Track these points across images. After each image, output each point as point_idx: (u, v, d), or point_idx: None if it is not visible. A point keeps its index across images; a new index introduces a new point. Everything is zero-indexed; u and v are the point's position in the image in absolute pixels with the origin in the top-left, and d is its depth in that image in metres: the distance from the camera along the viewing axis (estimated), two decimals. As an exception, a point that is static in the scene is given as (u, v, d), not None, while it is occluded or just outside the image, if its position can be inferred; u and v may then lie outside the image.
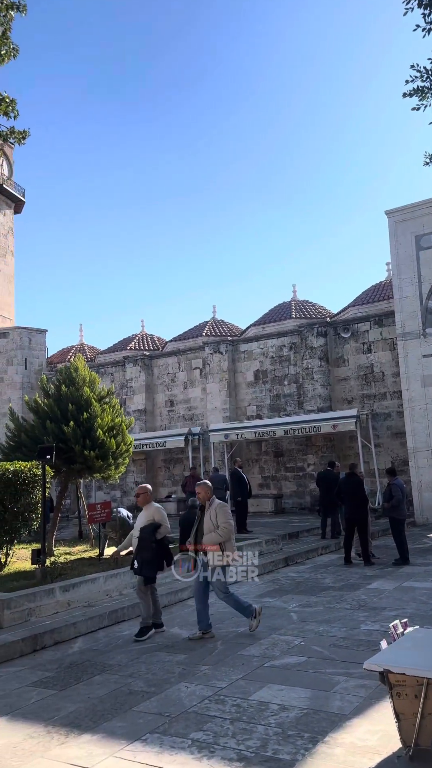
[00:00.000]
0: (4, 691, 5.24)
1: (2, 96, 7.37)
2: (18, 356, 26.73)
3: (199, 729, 4.21)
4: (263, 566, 10.53)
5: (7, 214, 29.10)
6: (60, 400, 12.32)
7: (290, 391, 21.82)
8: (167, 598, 8.25)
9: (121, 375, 25.86)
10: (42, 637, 6.48)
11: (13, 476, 8.77)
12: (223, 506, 6.72)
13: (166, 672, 5.47)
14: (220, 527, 6.52)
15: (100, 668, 5.68)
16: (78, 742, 4.13)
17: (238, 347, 23.25)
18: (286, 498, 21.26)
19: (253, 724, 4.24)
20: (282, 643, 6.15)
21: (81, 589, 7.88)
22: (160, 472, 24.84)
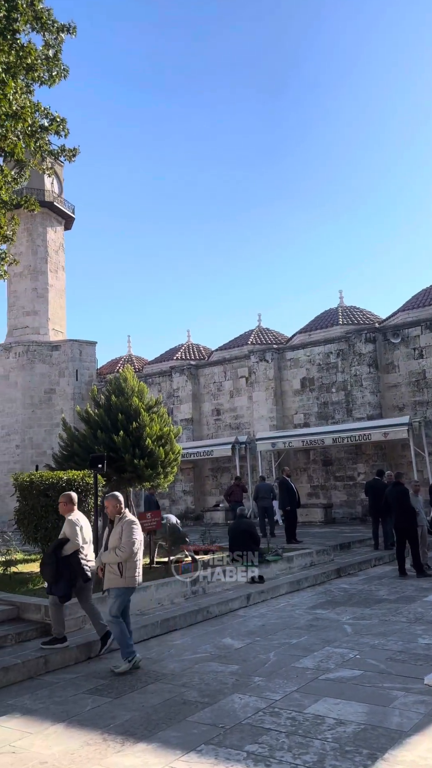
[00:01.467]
0: (60, 697, 5.32)
1: (53, 116, 7.63)
2: (69, 368, 27.40)
3: (254, 741, 4.16)
4: (314, 577, 10.37)
5: (58, 230, 29.97)
6: (110, 410, 12.55)
7: (338, 399, 21.51)
8: (218, 608, 8.22)
9: (168, 385, 26.12)
10: (96, 645, 6.55)
11: (66, 485, 8.95)
12: (131, 524, 6.09)
13: (219, 682, 5.44)
14: (121, 546, 5.97)
15: (154, 677, 5.69)
16: (133, 751, 4.15)
17: (284, 355, 23.12)
18: (336, 508, 20.92)
19: (309, 739, 4.16)
20: (336, 656, 6.02)
21: (133, 597, 7.93)
22: (207, 481, 24.89)
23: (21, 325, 28.31)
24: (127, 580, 6.00)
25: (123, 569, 5.97)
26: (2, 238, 7.71)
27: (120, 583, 5.99)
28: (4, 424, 27.01)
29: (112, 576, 6.02)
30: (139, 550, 6.12)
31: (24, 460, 25.99)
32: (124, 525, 6.08)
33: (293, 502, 14.73)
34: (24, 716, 4.93)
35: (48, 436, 26.38)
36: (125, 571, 5.98)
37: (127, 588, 6.08)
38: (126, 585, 6.02)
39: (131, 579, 6.03)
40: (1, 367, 27.52)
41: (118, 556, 5.98)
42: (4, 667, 5.77)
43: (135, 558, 6.05)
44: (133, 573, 6.04)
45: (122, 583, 5.99)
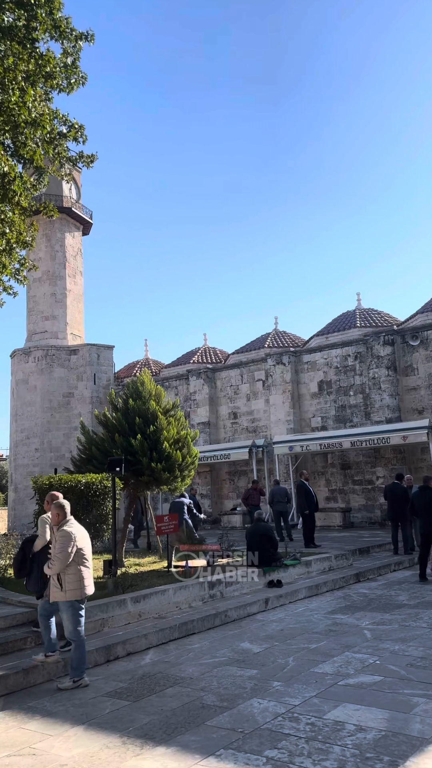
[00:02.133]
0: (80, 700, 5.35)
1: (72, 123, 7.72)
2: (87, 372, 27.58)
3: (273, 747, 4.14)
4: (333, 582, 10.29)
5: (76, 236, 30.24)
6: (127, 413, 12.59)
7: (356, 402, 21.36)
8: (236, 612, 8.20)
9: (184, 388, 26.17)
10: (115, 648, 6.58)
11: (85, 488, 9.02)
12: (62, 535, 5.77)
13: (237, 687, 5.42)
14: (52, 558, 5.78)
15: (172, 681, 5.69)
16: (153, 755, 4.15)
17: (301, 358, 23.03)
18: (354, 512, 20.75)
19: (329, 745, 4.13)
20: (356, 662, 5.97)
21: (151, 600, 7.96)
22: (224, 485, 24.86)
23: (40, 329, 28.58)
24: (68, 593, 5.69)
25: (62, 582, 5.70)
26: (22, 244, 7.81)
27: (60, 597, 5.71)
28: (24, 427, 27.27)
29: (54, 589, 5.77)
30: (81, 562, 5.81)
31: (43, 464, 26.20)
32: (58, 536, 5.79)
33: (312, 505, 14.65)
34: (44, 718, 4.96)
35: (66, 440, 26.56)
36: (65, 584, 5.70)
37: (70, 601, 5.72)
38: (67, 598, 5.70)
39: (72, 592, 5.70)
40: (20, 372, 27.80)
41: (50, 568, 5.77)
42: (24, 670, 5.82)
43: (73, 570, 5.74)
44: (76, 585, 5.72)
45: (62, 596, 5.70)
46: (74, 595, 5.73)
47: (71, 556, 5.74)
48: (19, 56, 6.38)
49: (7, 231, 7.20)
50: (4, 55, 6.20)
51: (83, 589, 5.79)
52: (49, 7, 6.70)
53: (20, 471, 26.86)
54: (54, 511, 5.95)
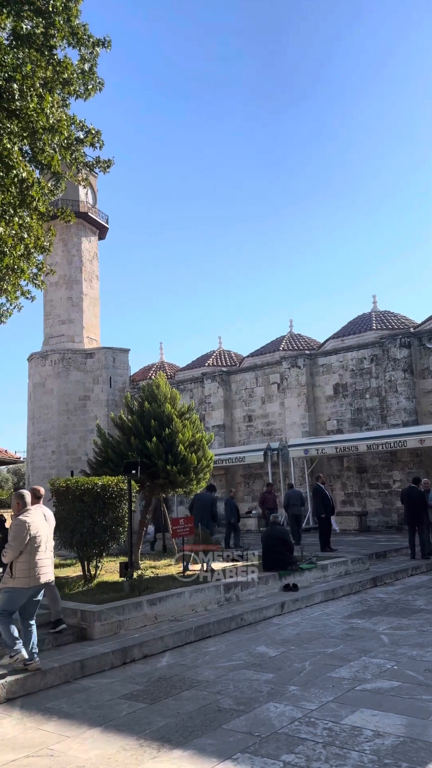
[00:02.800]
0: (97, 702, 5.37)
1: (89, 128, 7.79)
2: (103, 375, 27.74)
3: (290, 751, 4.12)
4: (350, 586, 10.22)
5: (92, 240, 30.46)
6: (143, 416, 12.65)
7: (372, 405, 21.22)
8: (252, 616, 8.18)
9: (199, 391, 26.21)
10: (131, 650, 6.60)
11: (101, 491, 9.05)
12: (16, 524, 5.89)
13: (254, 691, 5.40)
14: (6, 546, 5.88)
15: (189, 684, 5.69)
16: (170, 758, 4.15)
17: (316, 361, 22.95)
18: (371, 516, 20.61)
19: (346, 750, 4.10)
20: (373, 667, 5.92)
21: (167, 603, 7.97)
22: (240, 488, 24.82)
23: (57, 333, 28.82)
24: (16, 580, 5.81)
25: (13, 569, 5.84)
26: (40, 249, 7.89)
27: (9, 583, 5.84)
28: (41, 430, 27.49)
29: (6, 576, 5.93)
30: (34, 551, 5.91)
31: (59, 466, 26.38)
32: (12, 525, 5.95)
33: (328, 509, 14.58)
34: (61, 720, 4.99)
35: (82, 442, 26.72)
36: (15, 572, 5.83)
37: (15, 588, 5.82)
38: (14, 585, 5.81)
39: (21, 579, 5.81)
40: (37, 375, 28.04)
41: (4, 556, 5.89)
42: (42, 671, 5.85)
43: (24, 558, 5.85)
44: (25, 574, 5.83)
45: (11, 583, 5.83)
46: (21, 583, 5.84)
47: (24, 545, 5.85)
48: (37, 63, 6.46)
49: (25, 236, 7.28)
50: (23, 63, 6.29)
51: (34, 577, 5.89)
52: (66, 15, 6.79)
53: (37, 473, 27.08)
54: (14, 501, 6.11)
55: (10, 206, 6.85)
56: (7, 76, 5.98)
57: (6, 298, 8.23)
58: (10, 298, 8.27)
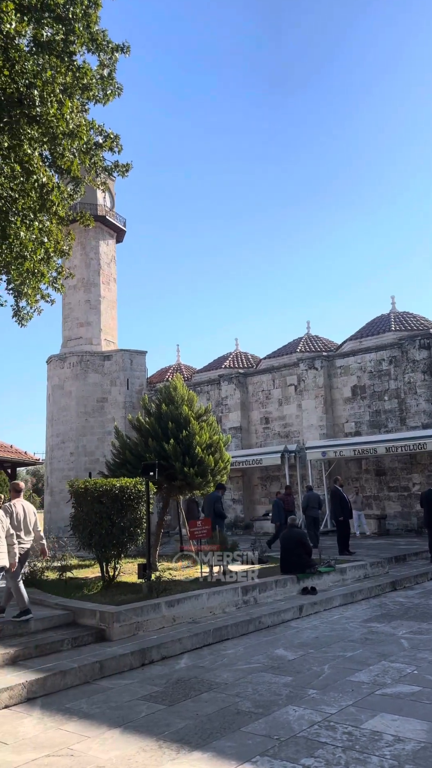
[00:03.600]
0: (116, 703, 5.40)
1: (107, 133, 7.86)
2: (121, 377, 27.93)
3: (310, 755, 4.10)
4: (368, 590, 10.15)
5: (110, 243, 30.70)
6: (160, 418, 12.70)
7: (391, 407, 21.05)
8: (270, 619, 8.16)
9: (216, 393, 26.22)
10: (150, 652, 6.62)
11: (119, 492, 9.10)
12: None
13: (272, 694, 5.39)
14: None
15: (207, 686, 5.70)
16: (189, 759, 4.16)
17: (333, 362, 22.83)
18: (390, 519, 20.43)
19: (366, 755, 4.07)
20: (393, 671, 5.87)
21: (185, 605, 7.99)
22: (256, 490, 24.77)
23: (75, 336, 29.07)
24: None
25: None
26: (59, 253, 7.98)
27: None
28: (59, 432, 27.74)
29: None
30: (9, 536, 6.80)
31: (78, 467, 26.59)
32: None
33: (346, 512, 14.48)
34: (81, 720, 5.03)
35: (100, 444, 26.90)
36: None
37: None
38: None
39: None
40: (56, 377, 28.31)
41: None
42: (62, 671, 5.90)
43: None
44: None
45: None
46: None
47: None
48: (57, 69, 6.54)
49: (45, 240, 7.37)
50: (43, 69, 6.37)
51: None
52: (86, 21, 6.87)
53: (56, 475, 27.32)
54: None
55: (30, 211, 6.94)
56: (27, 82, 6.07)
57: (26, 301, 8.32)
58: (31, 302, 8.37)
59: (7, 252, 7.06)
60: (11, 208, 6.71)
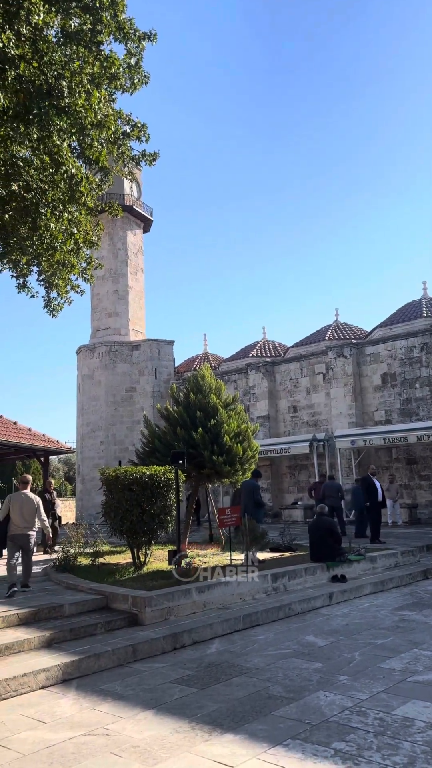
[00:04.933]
0: (149, 685, 5.51)
1: (134, 122, 7.87)
2: (149, 367, 28.12)
3: (341, 739, 4.13)
4: (399, 578, 10.09)
5: (137, 233, 30.79)
6: (189, 407, 12.78)
7: (422, 395, 20.74)
8: (300, 606, 8.19)
9: (243, 382, 26.21)
10: (181, 636, 6.72)
11: (149, 480, 9.21)
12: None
13: (303, 679, 5.43)
14: None
15: (238, 671, 5.77)
16: (221, 741, 4.23)
17: (363, 350, 22.58)
18: (421, 508, 20.21)
19: (398, 740, 4.07)
20: (425, 659, 5.84)
21: (216, 591, 8.07)
22: (285, 479, 24.75)
23: (104, 326, 29.34)
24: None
25: None
26: (89, 243, 8.05)
27: None
28: (90, 421, 28.12)
29: None
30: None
31: (108, 456, 26.95)
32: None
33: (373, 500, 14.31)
34: (115, 701, 5.14)
35: (130, 433, 27.20)
36: None
37: None
38: None
39: None
40: (86, 367, 28.66)
41: None
42: (96, 654, 6.04)
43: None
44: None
45: None
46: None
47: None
48: (84, 59, 6.57)
49: (75, 231, 7.45)
50: (70, 59, 6.40)
51: None
52: (113, 10, 6.86)
53: (87, 463, 27.75)
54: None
55: (59, 202, 7.01)
56: (56, 73, 6.11)
57: (57, 292, 8.44)
58: (61, 293, 8.48)
59: (38, 244, 7.17)
60: (41, 200, 6.79)
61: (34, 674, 5.51)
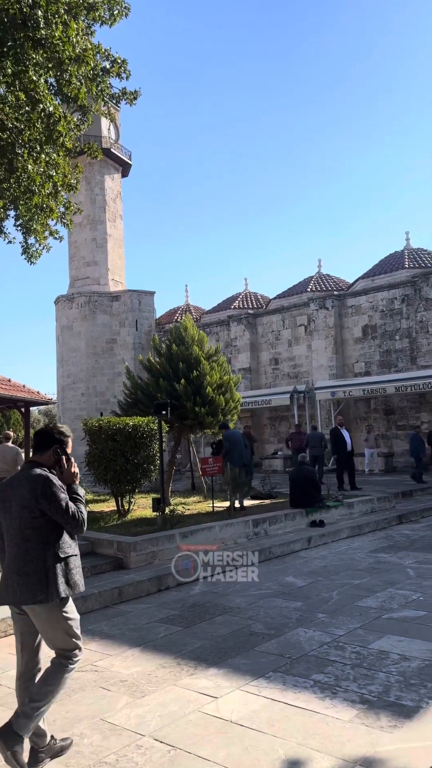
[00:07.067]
0: (135, 625, 5.70)
1: (114, 57, 7.47)
2: (129, 318, 27.81)
3: (320, 671, 4.35)
4: (375, 523, 10.44)
5: (116, 178, 29.80)
6: (171, 358, 12.74)
7: (402, 347, 20.95)
8: (280, 549, 8.46)
9: (225, 334, 26.14)
10: (166, 579, 6.93)
11: (132, 430, 9.28)
12: None
13: (283, 617, 5.66)
14: None
15: (221, 610, 5.99)
16: (206, 675, 4.43)
17: (344, 302, 22.57)
18: (397, 457, 20.72)
19: (373, 671, 4.31)
20: (399, 597, 6.12)
21: (198, 536, 8.28)
22: (265, 429, 25.09)
23: (82, 275, 28.75)
24: None
25: None
26: (67, 187, 7.77)
27: None
28: (70, 372, 27.94)
29: None
30: None
31: (89, 408, 26.94)
32: None
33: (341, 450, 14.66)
34: (103, 640, 5.33)
35: (111, 385, 27.14)
36: None
37: None
38: None
39: None
40: (65, 318, 28.23)
41: None
42: (83, 596, 6.20)
43: None
44: None
45: None
46: None
47: None
48: (60, -13, 6.15)
49: (53, 174, 7.17)
50: (46, -14, 5.99)
51: None
52: None
53: (68, 415, 27.73)
54: None
55: (36, 143, 6.71)
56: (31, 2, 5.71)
57: (35, 238, 8.20)
58: (39, 238, 8.24)
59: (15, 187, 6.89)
60: (17, 140, 6.50)
61: (22, 616, 5.65)
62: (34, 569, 3.18)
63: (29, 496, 3.19)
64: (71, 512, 3.20)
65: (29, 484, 3.21)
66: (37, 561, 3.19)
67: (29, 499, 3.19)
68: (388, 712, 3.66)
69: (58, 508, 3.18)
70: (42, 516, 3.20)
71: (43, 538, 3.21)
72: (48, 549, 3.21)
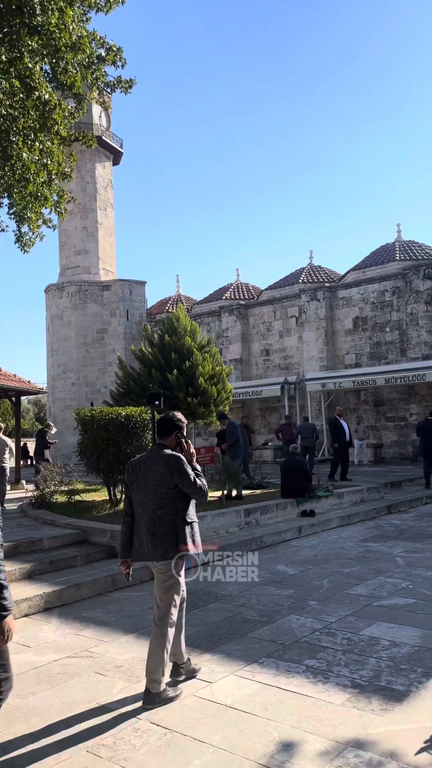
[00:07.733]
0: (129, 612, 5.76)
1: (109, 45, 7.41)
2: (120, 308, 27.71)
3: (312, 657, 4.44)
4: (365, 513, 10.58)
5: (107, 166, 29.56)
6: (163, 349, 12.77)
7: (392, 339, 21.09)
8: (271, 538, 8.56)
9: (217, 325, 26.14)
10: (158, 567, 6.97)
11: (125, 420, 9.30)
12: None
13: (275, 604, 5.75)
14: None
15: (214, 597, 6.07)
16: (200, 660, 4.49)
17: (336, 294, 22.64)
18: (386, 448, 20.93)
19: (364, 657, 4.40)
20: (389, 585, 6.23)
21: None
22: (256, 420, 25.19)
23: (72, 264, 28.57)
24: None
25: None
26: (61, 175, 7.72)
27: None
28: (60, 362, 27.83)
29: None
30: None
31: (80, 397, 26.88)
32: None
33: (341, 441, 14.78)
34: (98, 627, 5.39)
35: (101, 375, 27.08)
36: None
37: None
38: None
39: None
40: (55, 307, 28.08)
41: None
42: (77, 584, 6.26)
43: None
44: None
45: None
46: None
47: None
48: (56, -27, 6.08)
49: (47, 162, 7.12)
50: (40, -28, 5.92)
51: None
52: None
53: (58, 404, 27.66)
54: None
55: (31, 130, 6.66)
56: (26, -13, 5.66)
57: (29, 226, 8.15)
58: (33, 227, 8.19)
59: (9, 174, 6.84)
60: (11, 128, 6.44)
61: (16, 603, 5.69)
62: (166, 531, 3.85)
63: (165, 471, 3.83)
64: (198, 485, 3.86)
65: (164, 462, 3.85)
66: (169, 525, 3.86)
67: (165, 474, 3.83)
68: (379, 696, 3.75)
69: (188, 481, 3.83)
70: (174, 488, 3.84)
71: (174, 507, 3.87)
72: (177, 515, 3.88)
